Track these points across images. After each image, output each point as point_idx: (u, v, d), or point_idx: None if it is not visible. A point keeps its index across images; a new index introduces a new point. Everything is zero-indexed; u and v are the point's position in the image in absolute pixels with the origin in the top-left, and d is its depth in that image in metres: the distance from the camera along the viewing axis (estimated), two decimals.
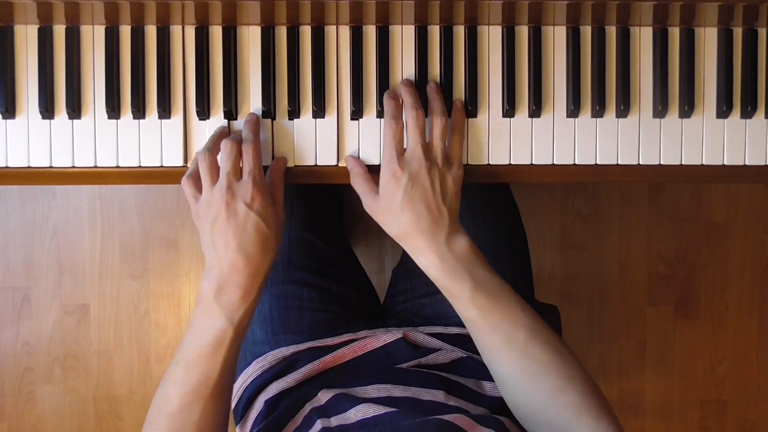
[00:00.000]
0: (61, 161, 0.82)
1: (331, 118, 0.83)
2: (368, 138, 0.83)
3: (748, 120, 0.85)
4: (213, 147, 0.78)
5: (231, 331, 0.74)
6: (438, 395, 0.80)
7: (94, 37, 0.82)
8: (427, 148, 0.77)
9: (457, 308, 0.78)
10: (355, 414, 0.76)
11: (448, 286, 0.76)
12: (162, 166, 0.82)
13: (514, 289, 0.78)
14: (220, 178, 0.75)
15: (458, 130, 0.80)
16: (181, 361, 0.75)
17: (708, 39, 0.85)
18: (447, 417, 0.69)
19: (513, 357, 0.75)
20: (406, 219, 0.76)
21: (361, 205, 0.80)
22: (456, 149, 0.79)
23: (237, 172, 0.76)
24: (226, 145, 0.76)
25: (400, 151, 0.77)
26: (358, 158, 0.82)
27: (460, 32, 0.83)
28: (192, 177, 0.78)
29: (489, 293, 0.75)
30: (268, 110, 0.82)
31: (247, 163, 0.76)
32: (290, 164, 0.83)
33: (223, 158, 0.76)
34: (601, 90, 0.83)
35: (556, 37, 0.84)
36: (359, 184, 0.80)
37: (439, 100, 0.80)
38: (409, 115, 0.78)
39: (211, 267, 0.75)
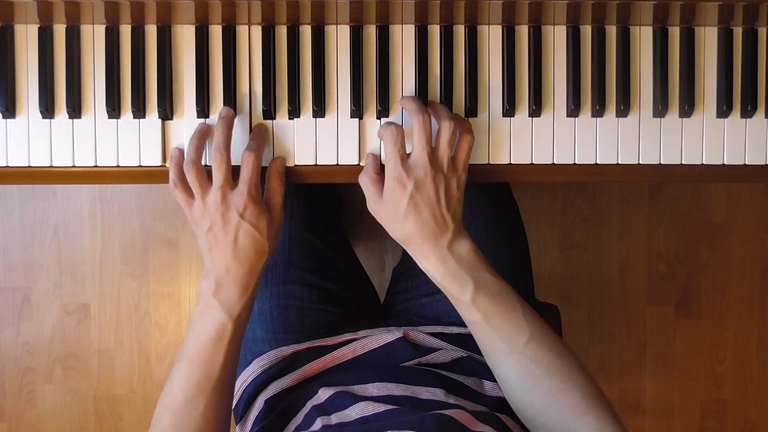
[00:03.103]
0: (62, 161, 0.82)
1: (331, 117, 0.83)
2: (369, 138, 0.83)
3: (748, 119, 0.85)
4: (196, 155, 0.77)
5: (231, 324, 0.76)
6: (438, 393, 0.80)
7: (94, 37, 0.82)
8: (433, 155, 0.76)
9: (460, 311, 0.78)
10: (355, 411, 0.76)
11: (450, 289, 0.77)
12: (163, 166, 0.82)
13: (515, 291, 0.78)
14: (212, 190, 0.76)
15: (468, 132, 0.79)
16: (183, 358, 0.77)
17: (708, 38, 0.85)
18: (446, 411, 0.70)
19: (515, 359, 0.75)
20: (410, 226, 0.76)
21: (361, 204, 0.80)
22: (464, 154, 0.78)
23: (229, 183, 0.76)
24: (215, 158, 0.76)
25: (404, 157, 0.76)
26: (377, 158, 0.81)
27: (460, 32, 0.83)
28: (180, 183, 0.78)
29: (491, 296, 0.76)
30: (269, 109, 0.82)
31: (245, 172, 0.76)
32: (290, 164, 0.83)
33: (214, 170, 0.76)
34: (601, 89, 0.83)
35: (557, 37, 0.84)
36: (366, 184, 0.79)
37: (444, 107, 0.80)
38: (415, 120, 0.76)
39: (209, 269, 0.78)
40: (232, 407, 0.97)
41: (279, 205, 0.80)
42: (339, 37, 0.83)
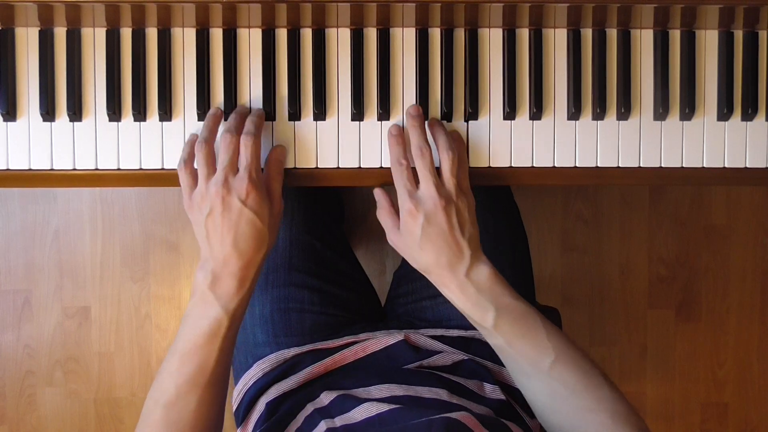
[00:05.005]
0: (62, 164, 0.82)
1: (332, 120, 0.83)
2: (369, 140, 0.83)
3: (748, 122, 0.85)
4: (209, 136, 0.77)
5: (226, 320, 0.75)
6: (440, 393, 0.80)
7: (95, 40, 0.82)
8: (439, 186, 0.76)
9: (485, 336, 0.79)
10: (359, 413, 0.76)
11: (472, 315, 0.77)
12: (163, 169, 0.82)
13: (539, 312, 0.78)
14: (216, 172, 0.75)
15: (462, 162, 0.80)
16: (176, 352, 0.75)
17: (709, 41, 0.85)
18: (453, 414, 0.69)
19: (541, 381, 0.76)
20: (426, 256, 0.77)
21: (362, 207, 0.80)
22: (464, 180, 0.79)
23: (234, 167, 0.75)
24: (225, 139, 0.75)
25: (413, 191, 0.77)
26: (385, 192, 0.82)
27: (460, 35, 0.83)
28: (188, 165, 0.77)
29: (513, 320, 0.76)
30: (269, 112, 0.82)
31: (245, 157, 0.75)
32: (291, 166, 0.83)
33: (221, 152, 0.75)
34: (601, 92, 0.83)
35: (557, 40, 0.84)
36: (383, 218, 0.81)
37: (444, 134, 0.80)
38: (417, 155, 0.77)
39: (206, 259, 0.76)
40: (233, 410, 0.97)
41: (278, 194, 0.79)
42: (339, 40, 0.83)
